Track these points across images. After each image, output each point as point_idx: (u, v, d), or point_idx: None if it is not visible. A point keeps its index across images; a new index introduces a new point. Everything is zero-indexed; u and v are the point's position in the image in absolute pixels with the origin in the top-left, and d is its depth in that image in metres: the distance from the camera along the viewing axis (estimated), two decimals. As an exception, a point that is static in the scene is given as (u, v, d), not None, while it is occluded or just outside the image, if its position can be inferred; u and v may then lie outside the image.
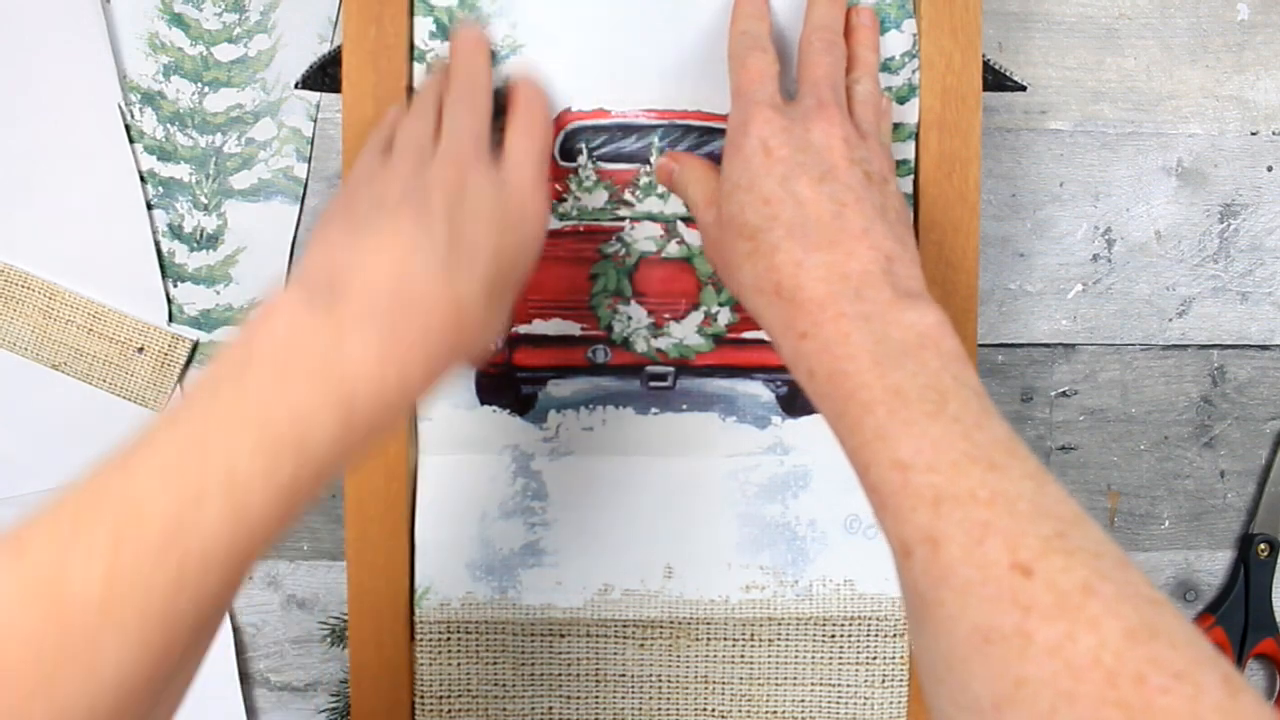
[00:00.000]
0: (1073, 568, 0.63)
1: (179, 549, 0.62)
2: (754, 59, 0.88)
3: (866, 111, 0.89)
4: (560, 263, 0.96)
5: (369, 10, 0.93)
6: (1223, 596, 1.18)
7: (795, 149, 0.82)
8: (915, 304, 0.75)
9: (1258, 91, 1.14)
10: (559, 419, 0.98)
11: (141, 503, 0.63)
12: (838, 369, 0.74)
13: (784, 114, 0.84)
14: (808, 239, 0.78)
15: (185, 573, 0.62)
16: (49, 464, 1.07)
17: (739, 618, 1.00)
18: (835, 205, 0.79)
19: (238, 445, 0.64)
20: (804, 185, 0.80)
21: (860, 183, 0.81)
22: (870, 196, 0.81)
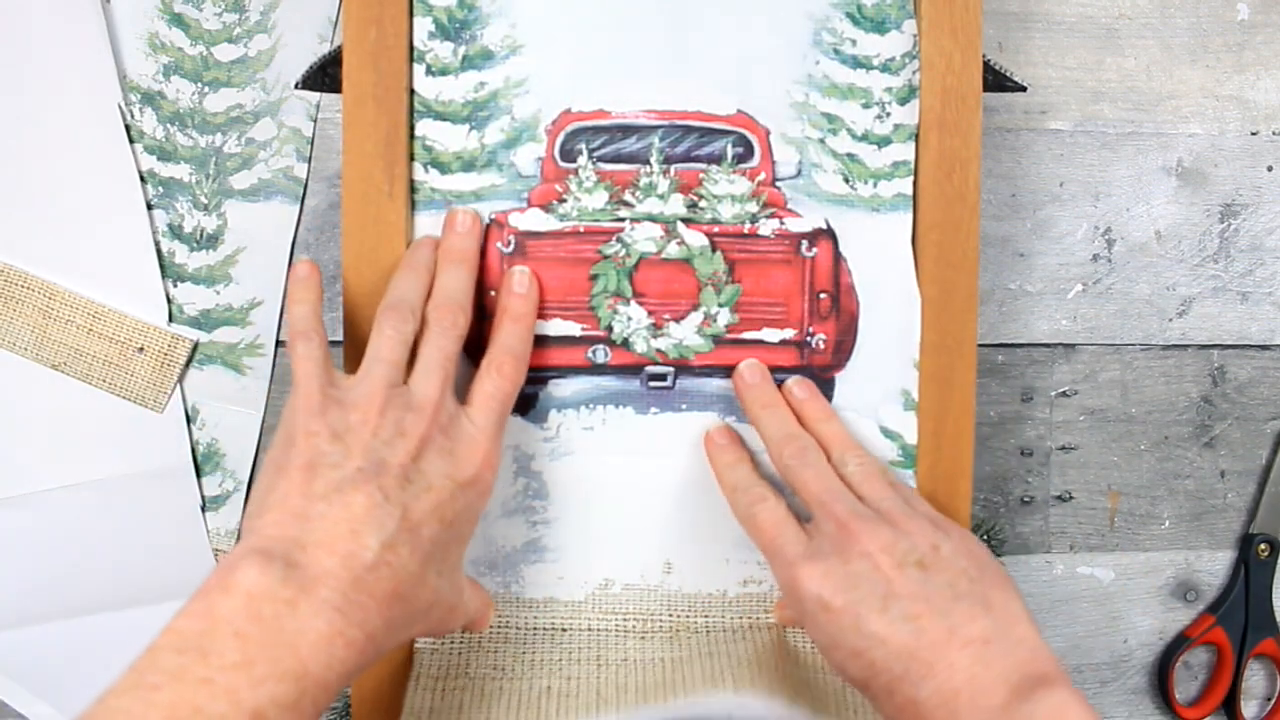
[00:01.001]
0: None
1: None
2: (761, 513, 0.90)
3: (873, 488, 0.90)
4: (560, 263, 0.96)
5: (369, 11, 0.93)
6: (1223, 596, 1.18)
7: (846, 590, 0.82)
8: (1032, 694, 0.75)
9: (1258, 91, 1.14)
10: (559, 419, 0.98)
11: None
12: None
13: (821, 557, 0.85)
14: (908, 674, 0.79)
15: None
16: (49, 464, 1.07)
17: (737, 610, 1.00)
18: (911, 625, 0.80)
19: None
20: (874, 623, 0.81)
21: (919, 581, 0.82)
22: (935, 587, 0.82)
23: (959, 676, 0.77)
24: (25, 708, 1.07)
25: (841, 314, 0.97)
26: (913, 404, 0.97)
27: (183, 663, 0.69)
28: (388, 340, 0.86)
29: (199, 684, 0.68)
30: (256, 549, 0.75)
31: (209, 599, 0.73)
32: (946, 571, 0.83)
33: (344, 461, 0.81)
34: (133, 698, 0.69)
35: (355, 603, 0.75)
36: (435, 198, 0.95)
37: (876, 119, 0.98)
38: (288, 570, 0.74)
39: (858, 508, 0.87)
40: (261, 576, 0.73)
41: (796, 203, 0.97)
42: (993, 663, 0.77)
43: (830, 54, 0.97)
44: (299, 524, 0.77)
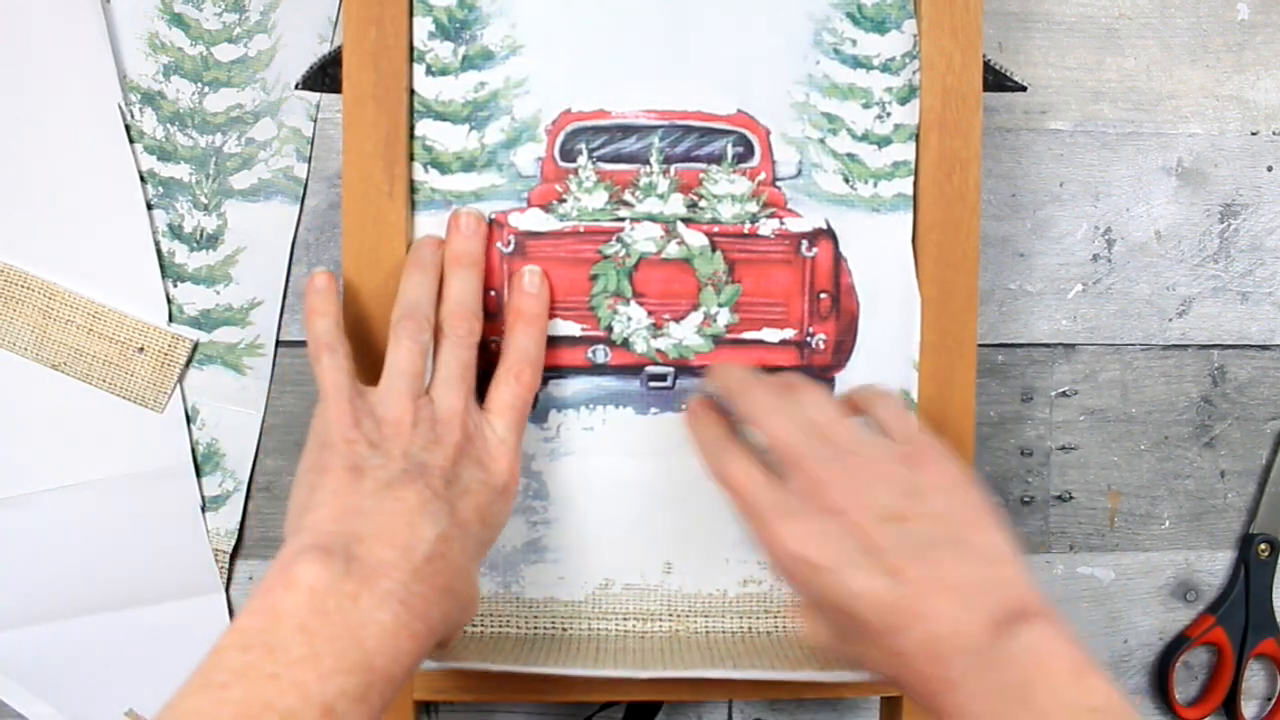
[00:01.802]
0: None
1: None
2: (730, 464, 0.88)
3: (841, 430, 0.88)
4: (560, 263, 0.96)
5: (369, 11, 0.93)
6: (1223, 597, 1.18)
7: (824, 548, 0.82)
8: (1011, 630, 0.75)
9: (1258, 91, 1.14)
10: (559, 419, 0.98)
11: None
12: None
13: (796, 515, 0.84)
14: (892, 626, 0.78)
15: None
16: (49, 464, 1.07)
17: (737, 610, 1.00)
18: (892, 579, 0.79)
19: (277, 719, 0.68)
20: (856, 580, 0.80)
21: (897, 534, 0.81)
22: (913, 538, 0.81)
23: (943, 623, 0.76)
24: (25, 708, 1.07)
25: (841, 314, 0.97)
26: (912, 404, 0.97)
27: (249, 660, 0.70)
28: (406, 352, 0.87)
29: (267, 680, 0.69)
30: (314, 545, 0.75)
31: (271, 596, 0.73)
32: (923, 519, 0.82)
33: (388, 463, 0.82)
34: (202, 697, 0.69)
35: (416, 594, 0.76)
36: (435, 198, 0.96)
37: (877, 119, 0.98)
38: (348, 564, 0.74)
39: (826, 457, 0.85)
40: (323, 570, 0.73)
41: (796, 203, 0.97)
42: (975, 605, 0.76)
43: (830, 54, 0.97)
44: (353, 519, 0.78)
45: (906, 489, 0.84)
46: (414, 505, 0.79)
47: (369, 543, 0.76)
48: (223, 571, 1.09)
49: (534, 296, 0.94)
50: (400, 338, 0.87)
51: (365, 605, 0.73)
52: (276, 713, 0.68)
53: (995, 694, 0.73)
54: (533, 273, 0.94)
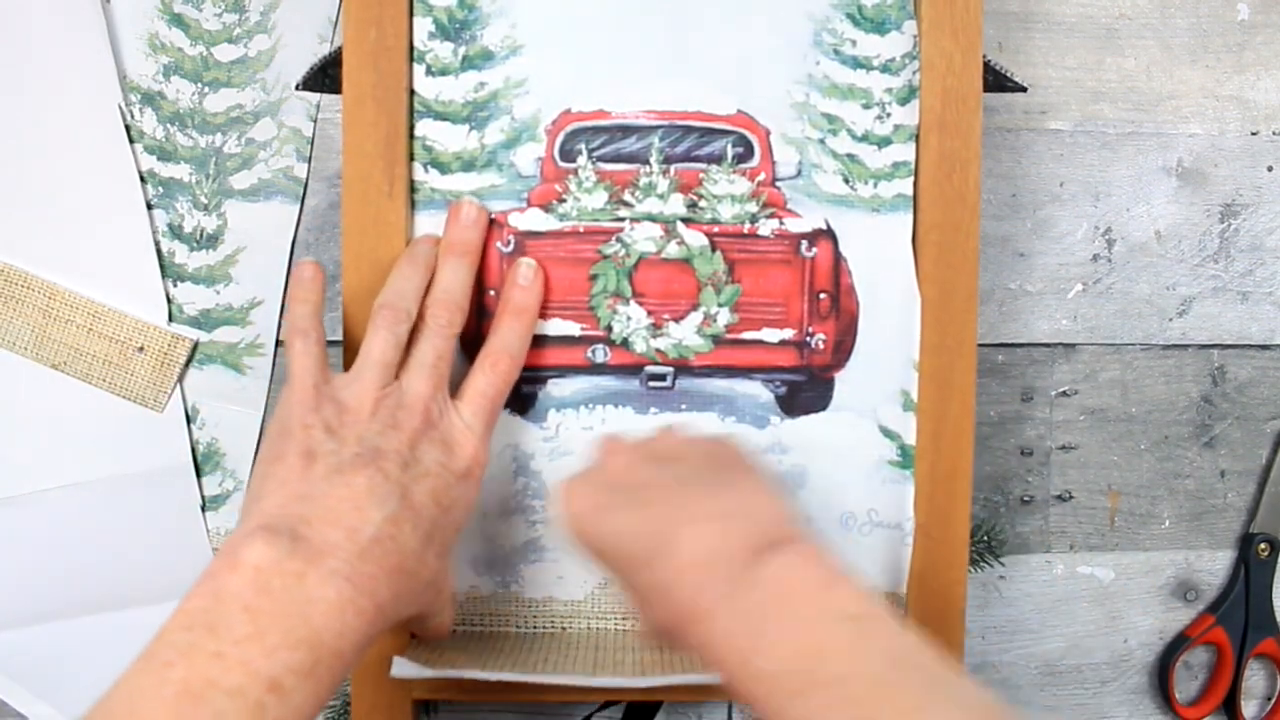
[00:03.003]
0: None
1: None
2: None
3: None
4: (560, 263, 0.96)
5: (369, 11, 0.93)
6: (1223, 596, 1.18)
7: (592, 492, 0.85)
8: (766, 557, 0.75)
9: (1258, 91, 1.14)
10: (559, 418, 0.98)
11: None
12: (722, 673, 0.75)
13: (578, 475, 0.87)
14: (653, 555, 0.79)
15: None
16: (49, 464, 1.07)
17: None
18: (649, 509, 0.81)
19: (223, 696, 0.69)
20: (616, 515, 0.82)
21: (657, 472, 0.84)
22: (673, 475, 0.84)
23: (700, 549, 0.77)
24: (25, 708, 1.07)
25: (841, 314, 0.97)
26: (912, 404, 0.97)
27: (193, 639, 0.70)
28: (380, 341, 0.87)
29: (211, 658, 0.69)
30: (260, 526, 0.76)
31: (216, 579, 0.74)
32: (688, 462, 0.85)
33: (341, 449, 0.82)
34: (146, 677, 0.69)
35: (363, 573, 0.76)
36: (435, 198, 0.96)
37: (877, 119, 0.98)
38: (294, 544, 0.75)
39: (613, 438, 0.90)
40: (268, 550, 0.74)
41: (796, 203, 0.97)
42: (732, 535, 0.77)
43: (830, 54, 0.98)
44: (301, 503, 0.79)
45: (677, 444, 0.88)
46: (363, 489, 0.80)
47: (315, 525, 0.77)
48: (223, 571, 1.09)
49: (525, 290, 0.94)
50: (377, 326, 0.88)
51: (310, 583, 0.74)
52: (221, 689, 0.68)
53: (749, 613, 0.74)
54: (528, 265, 0.95)
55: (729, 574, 0.75)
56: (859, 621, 0.72)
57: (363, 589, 0.76)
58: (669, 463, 0.85)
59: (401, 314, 0.88)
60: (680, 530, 0.78)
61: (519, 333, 0.93)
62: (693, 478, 0.83)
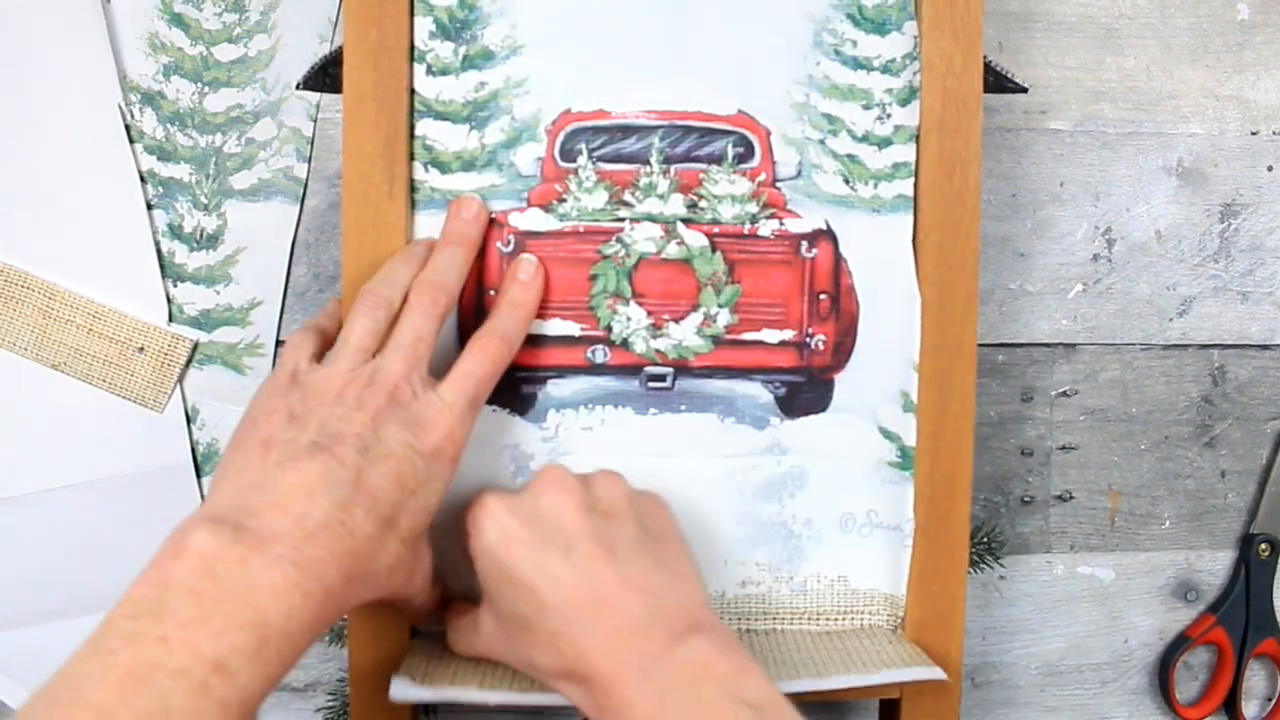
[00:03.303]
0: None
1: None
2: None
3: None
4: (560, 263, 0.96)
5: (369, 11, 0.93)
6: (1223, 597, 1.18)
7: (531, 525, 0.84)
8: (685, 639, 0.78)
9: (1258, 91, 1.14)
10: (558, 419, 0.97)
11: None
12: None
13: (513, 496, 0.87)
14: (578, 617, 0.80)
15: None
16: (49, 464, 1.07)
17: (736, 611, 1.00)
18: (588, 568, 0.81)
19: (167, 678, 0.68)
20: (554, 563, 0.82)
21: (602, 529, 0.84)
22: (616, 536, 0.84)
23: (625, 620, 0.78)
24: (25, 708, 1.07)
25: (841, 315, 0.97)
26: (912, 405, 0.97)
27: (137, 626, 0.70)
28: (359, 327, 0.87)
29: (156, 643, 0.69)
30: (206, 517, 0.76)
31: (161, 567, 0.73)
32: (629, 525, 0.85)
33: (299, 435, 0.82)
34: (91, 663, 0.69)
35: (310, 557, 0.76)
36: (435, 197, 0.95)
37: (877, 120, 0.98)
38: (237, 532, 0.75)
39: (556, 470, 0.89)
40: (210, 538, 0.74)
41: (796, 203, 0.97)
42: (658, 611, 0.79)
43: (831, 55, 0.97)
44: (249, 493, 0.79)
45: (619, 498, 0.88)
46: (314, 476, 0.79)
47: (262, 513, 0.77)
48: (223, 571, 1.09)
49: (525, 284, 0.94)
50: (356, 313, 0.88)
51: (255, 568, 0.73)
52: (166, 671, 0.68)
53: (664, 691, 0.76)
54: (529, 262, 0.95)
55: (646, 649, 0.77)
56: (762, 710, 0.74)
57: (309, 572, 0.75)
58: (605, 519, 0.85)
59: (382, 300, 0.88)
60: (608, 595, 0.80)
61: (515, 320, 0.93)
62: (625, 544, 0.84)
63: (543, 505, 0.85)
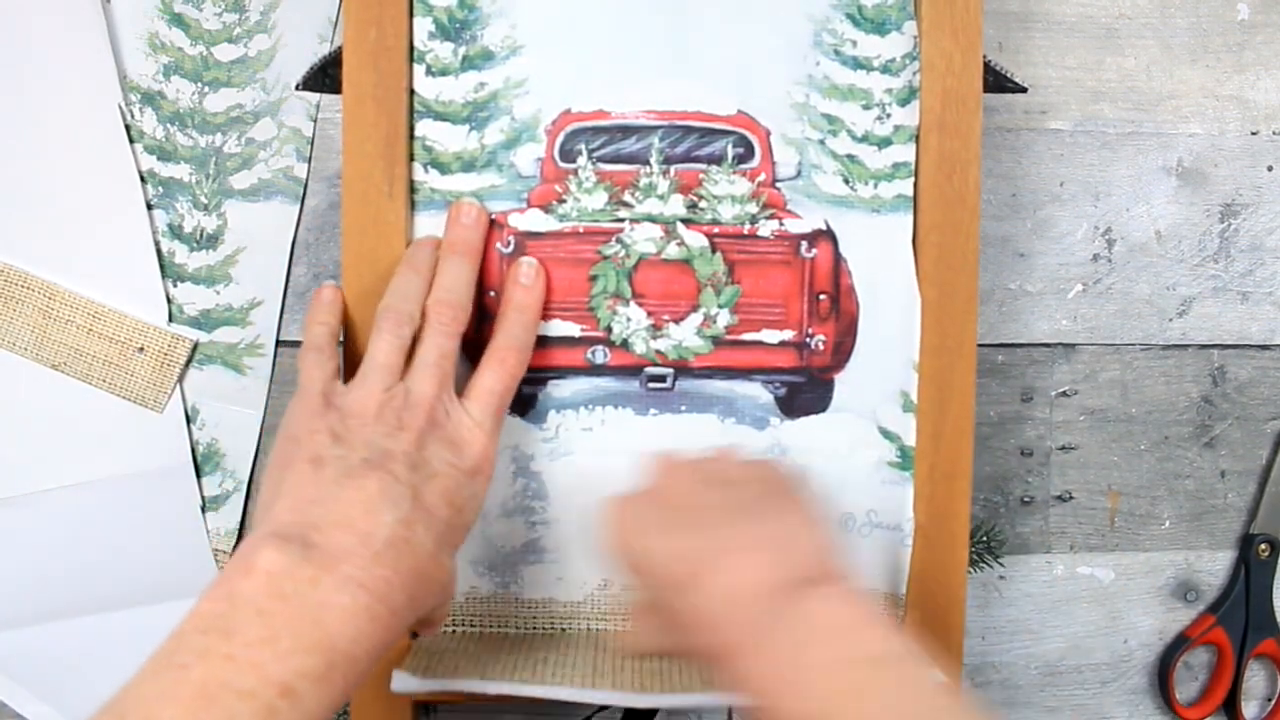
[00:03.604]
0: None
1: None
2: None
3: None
4: (559, 264, 0.96)
5: (369, 11, 0.93)
6: (1223, 597, 1.18)
7: (639, 509, 0.85)
8: (802, 592, 0.76)
9: (1258, 91, 1.14)
10: (558, 419, 0.97)
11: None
12: (755, 707, 0.75)
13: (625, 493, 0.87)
14: (691, 580, 0.79)
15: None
16: (49, 464, 1.07)
17: None
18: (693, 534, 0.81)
19: (235, 699, 0.68)
20: (662, 537, 0.82)
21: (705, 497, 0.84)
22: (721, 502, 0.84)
23: (738, 579, 0.77)
24: (25, 708, 1.07)
25: (841, 315, 0.97)
26: (911, 405, 0.97)
27: (207, 642, 0.70)
28: (385, 345, 0.87)
29: (224, 660, 0.69)
30: (272, 533, 0.76)
31: (229, 583, 0.73)
32: (738, 488, 0.85)
33: (349, 453, 0.82)
34: (162, 679, 0.69)
35: (378, 577, 0.76)
36: (435, 198, 0.95)
37: (877, 120, 0.98)
38: (306, 550, 0.74)
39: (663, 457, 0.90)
40: (280, 556, 0.73)
41: (796, 204, 0.97)
42: (773, 568, 0.77)
43: (831, 55, 0.97)
44: (312, 508, 0.78)
45: (730, 469, 0.88)
46: (374, 492, 0.79)
47: (327, 530, 0.77)
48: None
49: (527, 288, 0.94)
50: (380, 331, 0.88)
51: (325, 588, 0.73)
52: (234, 692, 0.68)
53: (780, 652, 0.74)
54: (529, 264, 0.94)
55: (766, 608, 0.76)
56: (890, 665, 0.73)
57: (377, 594, 0.75)
58: (722, 487, 0.85)
59: (404, 316, 0.88)
60: (721, 559, 0.78)
61: (525, 327, 0.93)
62: (742, 504, 0.83)
63: (660, 490, 0.86)
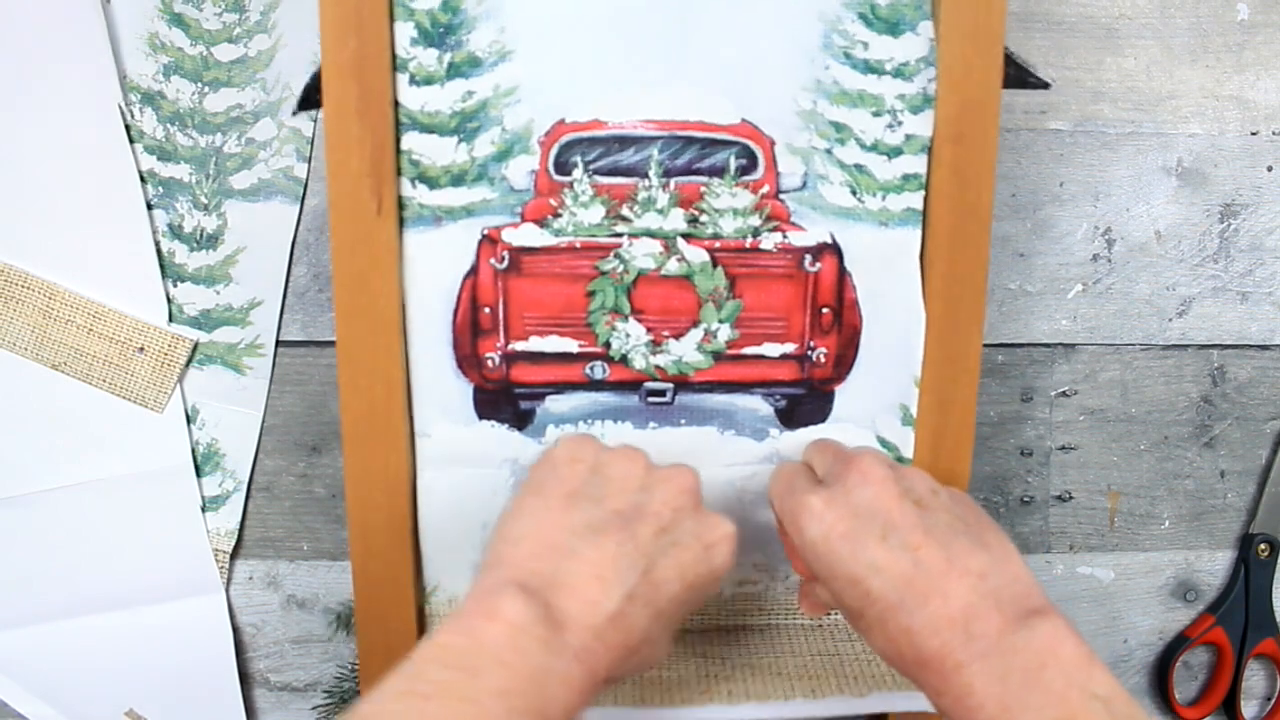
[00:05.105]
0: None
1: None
2: (782, 467, 0.92)
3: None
4: (556, 279, 0.95)
5: (347, 19, 0.89)
6: (1223, 597, 1.18)
7: (848, 517, 0.84)
8: (1026, 621, 0.77)
9: (1258, 91, 1.14)
10: (558, 433, 0.97)
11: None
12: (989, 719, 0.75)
13: (825, 489, 0.86)
14: (904, 602, 0.80)
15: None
16: (49, 464, 1.07)
17: (732, 609, 1.02)
18: (909, 554, 0.81)
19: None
20: (874, 550, 0.81)
21: (918, 516, 0.83)
22: (933, 523, 0.83)
23: (955, 605, 0.78)
24: (25, 708, 1.07)
25: (844, 328, 0.97)
26: (910, 419, 0.97)
27: (451, 678, 0.71)
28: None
29: (464, 702, 0.70)
30: (515, 581, 0.76)
31: (472, 622, 0.74)
32: (944, 513, 0.85)
33: (604, 498, 0.82)
34: (405, 704, 0.70)
35: (591, 650, 0.76)
36: (424, 213, 0.94)
37: (887, 128, 0.95)
38: (545, 609, 0.75)
39: (861, 452, 0.88)
40: (524, 609, 0.74)
41: (801, 215, 0.96)
42: (989, 595, 0.78)
43: (840, 58, 0.94)
44: (554, 559, 0.78)
45: (931, 488, 0.87)
46: (611, 555, 0.79)
47: (562, 591, 0.76)
48: (223, 571, 1.09)
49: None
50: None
51: (552, 652, 0.73)
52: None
53: (1006, 675, 0.74)
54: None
55: (987, 632, 0.77)
56: (1110, 703, 0.73)
57: (589, 667, 0.75)
58: (919, 506, 0.85)
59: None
60: (942, 582, 0.79)
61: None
62: (944, 529, 0.83)
63: (858, 497, 0.85)
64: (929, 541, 0.81)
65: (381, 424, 0.94)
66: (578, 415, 0.97)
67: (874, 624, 0.82)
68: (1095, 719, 0.72)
